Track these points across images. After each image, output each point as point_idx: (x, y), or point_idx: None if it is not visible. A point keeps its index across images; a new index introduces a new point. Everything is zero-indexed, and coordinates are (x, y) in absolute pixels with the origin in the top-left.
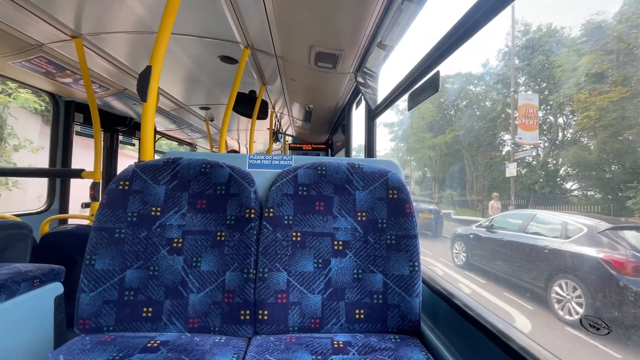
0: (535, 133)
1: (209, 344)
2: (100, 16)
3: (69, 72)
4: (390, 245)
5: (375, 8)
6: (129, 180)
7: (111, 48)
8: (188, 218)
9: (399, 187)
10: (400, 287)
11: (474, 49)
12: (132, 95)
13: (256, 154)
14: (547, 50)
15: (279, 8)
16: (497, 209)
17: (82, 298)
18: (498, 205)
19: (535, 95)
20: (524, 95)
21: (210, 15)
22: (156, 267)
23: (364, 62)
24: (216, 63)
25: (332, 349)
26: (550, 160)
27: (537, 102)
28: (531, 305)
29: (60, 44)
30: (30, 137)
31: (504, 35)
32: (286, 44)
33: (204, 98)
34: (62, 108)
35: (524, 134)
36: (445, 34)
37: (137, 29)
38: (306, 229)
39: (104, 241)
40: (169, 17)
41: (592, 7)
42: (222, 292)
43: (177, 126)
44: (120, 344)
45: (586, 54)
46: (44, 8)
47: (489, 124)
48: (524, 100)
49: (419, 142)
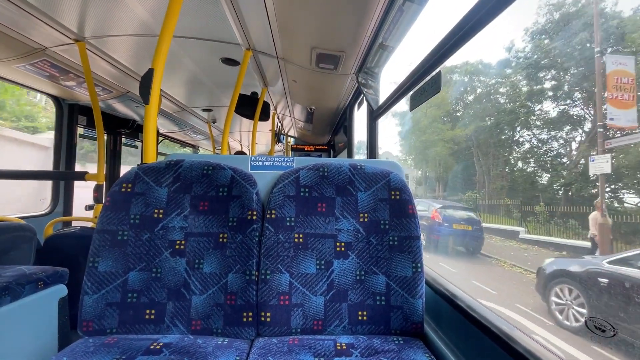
0: (633, 112)
1: (211, 346)
2: (103, 20)
3: (72, 75)
4: (392, 246)
5: (376, 9)
6: (131, 182)
7: (114, 51)
8: (190, 220)
9: (401, 188)
10: (403, 288)
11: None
12: (134, 98)
13: (258, 155)
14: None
15: (280, 10)
16: (605, 227)
17: (85, 300)
18: (606, 221)
19: (630, 58)
20: (613, 58)
21: (212, 17)
22: (159, 269)
23: (366, 63)
24: (218, 65)
25: (334, 350)
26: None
27: (633, 67)
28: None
29: (64, 48)
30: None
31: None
32: (287, 46)
33: (206, 100)
34: (66, 111)
35: (617, 112)
36: (446, 34)
37: (140, 32)
38: (308, 230)
39: (107, 243)
40: (171, 20)
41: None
42: (224, 294)
43: (180, 128)
44: (123, 346)
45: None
46: (47, 12)
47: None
48: (615, 65)
49: (435, 135)
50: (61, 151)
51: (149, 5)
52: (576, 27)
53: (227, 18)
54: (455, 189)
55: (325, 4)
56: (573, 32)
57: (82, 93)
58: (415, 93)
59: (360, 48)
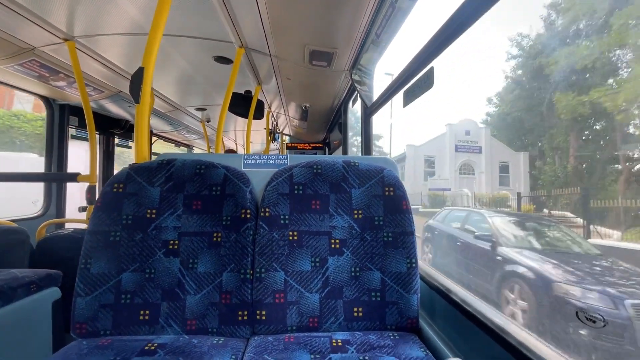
0: None
1: (207, 346)
2: (92, 18)
3: (63, 75)
4: (387, 242)
5: (368, 5)
6: (123, 182)
7: (104, 50)
8: (184, 219)
9: (394, 184)
10: (398, 284)
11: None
12: (127, 98)
13: (252, 154)
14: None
15: (271, 7)
16: None
17: (78, 302)
18: None
19: None
20: None
21: (203, 15)
22: (152, 270)
23: (359, 59)
24: (211, 63)
25: (330, 347)
26: None
27: None
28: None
29: (53, 47)
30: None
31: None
32: (280, 43)
33: (199, 99)
34: (57, 112)
35: None
36: (438, 29)
37: (130, 30)
38: (302, 227)
39: (100, 244)
40: (161, 17)
41: None
42: (219, 293)
43: (174, 128)
44: (118, 347)
45: None
46: (35, 11)
47: None
48: None
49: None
50: (52, 152)
51: (139, 3)
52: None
53: (219, 15)
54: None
55: (317, 0)
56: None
57: (73, 93)
58: (409, 89)
59: (353, 45)
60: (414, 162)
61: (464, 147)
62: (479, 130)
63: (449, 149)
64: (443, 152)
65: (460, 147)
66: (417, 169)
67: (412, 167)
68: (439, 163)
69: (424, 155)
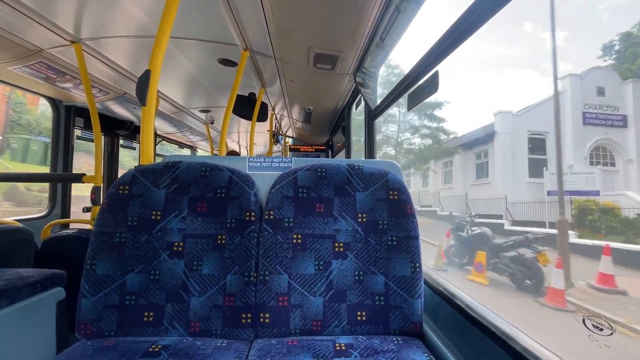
0: None
1: (210, 348)
2: (99, 21)
3: (69, 76)
4: (391, 246)
5: (373, 9)
6: (128, 184)
7: (111, 52)
8: (188, 221)
9: (399, 188)
10: (401, 288)
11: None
12: (132, 100)
13: (256, 156)
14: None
15: (276, 10)
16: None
17: (83, 303)
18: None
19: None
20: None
21: (209, 18)
22: (157, 271)
23: (363, 62)
24: (215, 66)
25: (334, 351)
26: None
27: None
28: None
29: (60, 49)
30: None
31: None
32: (285, 46)
33: (203, 101)
34: (63, 113)
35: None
36: (443, 33)
37: (137, 33)
38: (307, 231)
39: (105, 246)
40: (168, 21)
41: None
42: (223, 296)
43: (178, 129)
44: (122, 349)
45: None
46: (43, 13)
47: None
48: None
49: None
50: (58, 153)
51: (146, 6)
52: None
53: (224, 19)
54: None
55: (322, 4)
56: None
57: (79, 95)
58: (413, 92)
59: (357, 48)
60: (512, 142)
61: (599, 116)
62: (621, 87)
63: (570, 120)
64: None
65: (592, 116)
66: (516, 155)
67: (509, 152)
68: (551, 146)
69: (527, 132)
